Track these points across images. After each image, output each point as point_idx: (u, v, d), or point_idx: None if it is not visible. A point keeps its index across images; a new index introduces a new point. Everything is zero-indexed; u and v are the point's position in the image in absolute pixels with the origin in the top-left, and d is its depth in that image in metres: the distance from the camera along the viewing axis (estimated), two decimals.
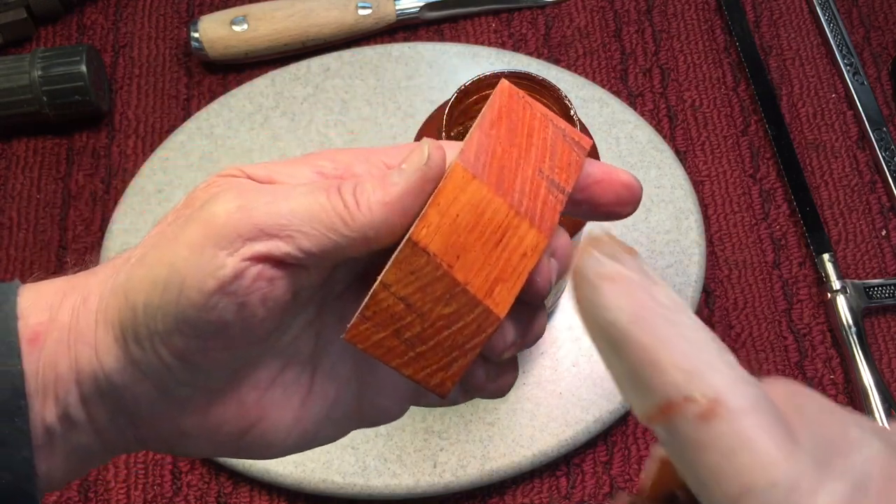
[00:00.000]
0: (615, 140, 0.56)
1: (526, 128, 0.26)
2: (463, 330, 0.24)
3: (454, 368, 0.25)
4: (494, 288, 0.24)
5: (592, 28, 0.62)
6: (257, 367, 0.27)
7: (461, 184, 0.23)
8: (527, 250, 0.24)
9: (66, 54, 0.55)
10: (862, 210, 0.57)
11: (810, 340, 0.53)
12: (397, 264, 0.23)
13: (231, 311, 0.24)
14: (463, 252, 0.23)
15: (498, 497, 0.50)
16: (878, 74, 0.61)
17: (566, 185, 0.25)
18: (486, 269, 0.24)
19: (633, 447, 0.51)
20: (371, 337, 0.24)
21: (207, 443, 0.27)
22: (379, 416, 0.29)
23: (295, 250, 0.24)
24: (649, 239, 0.54)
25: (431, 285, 0.24)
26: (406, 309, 0.24)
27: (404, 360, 0.25)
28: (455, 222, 0.23)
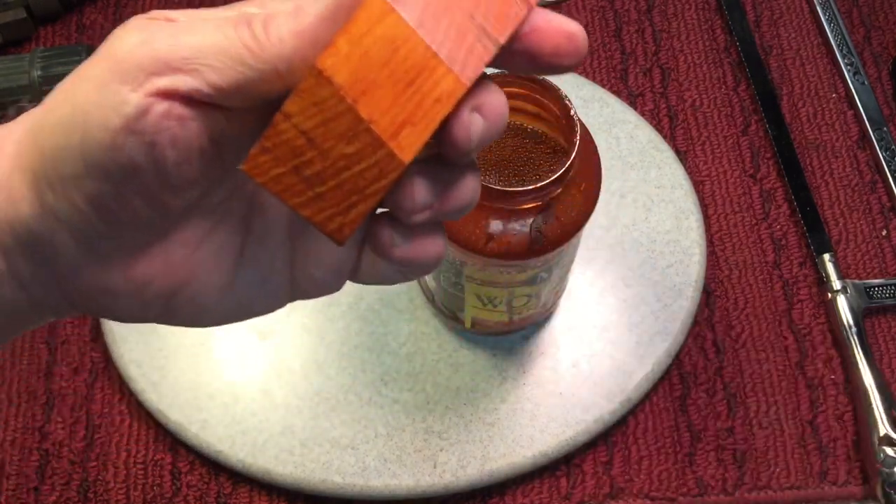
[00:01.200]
0: (615, 140, 0.56)
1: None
2: (364, 173, 0.23)
3: (353, 214, 0.23)
4: (401, 130, 0.22)
5: (592, 28, 0.62)
6: (185, 225, 0.26)
7: (378, 14, 0.22)
8: (441, 95, 0.22)
9: (65, 54, 0.55)
10: (862, 210, 0.57)
11: (811, 340, 0.53)
12: (300, 93, 0.22)
13: (140, 151, 0.22)
14: (371, 88, 0.22)
15: (498, 497, 0.50)
16: (879, 74, 0.61)
17: (499, 36, 0.23)
18: (395, 109, 0.22)
19: (633, 447, 0.51)
20: (270, 170, 0.23)
21: (135, 302, 0.26)
22: (314, 287, 0.28)
23: (202, 85, 0.22)
24: (649, 239, 0.54)
25: (334, 120, 0.22)
26: (307, 144, 0.22)
27: (303, 200, 0.23)
28: (366, 55, 0.22)
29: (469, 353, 0.51)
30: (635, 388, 0.50)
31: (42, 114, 0.24)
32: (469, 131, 0.23)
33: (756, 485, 0.50)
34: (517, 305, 0.46)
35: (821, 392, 0.52)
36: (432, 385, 0.51)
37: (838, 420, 0.52)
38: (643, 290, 0.53)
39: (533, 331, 0.52)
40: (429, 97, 0.22)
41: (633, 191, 0.55)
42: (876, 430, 0.49)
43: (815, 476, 0.50)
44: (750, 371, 0.53)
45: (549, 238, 0.39)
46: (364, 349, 0.51)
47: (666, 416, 0.52)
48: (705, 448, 0.51)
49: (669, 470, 0.50)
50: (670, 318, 0.52)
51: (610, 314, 0.52)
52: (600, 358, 0.51)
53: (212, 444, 0.49)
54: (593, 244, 0.54)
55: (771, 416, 0.52)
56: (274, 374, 0.51)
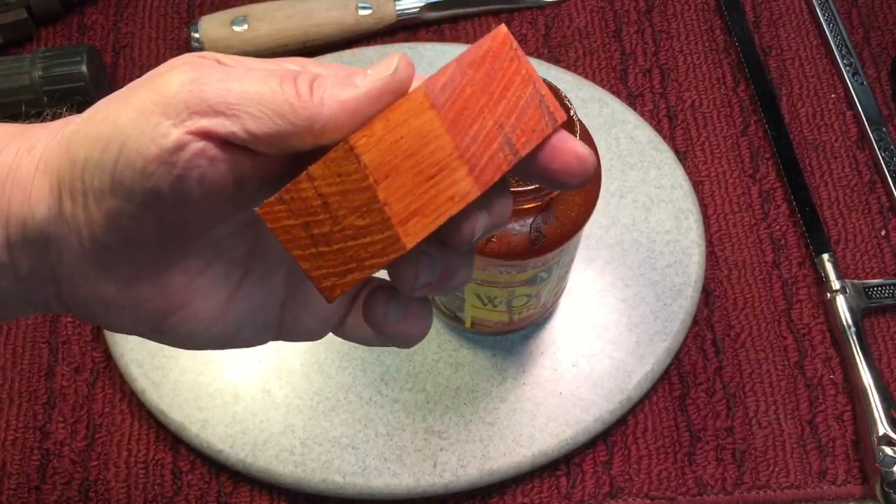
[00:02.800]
0: (615, 140, 0.57)
1: (505, 80, 0.25)
2: (368, 246, 0.24)
3: (347, 278, 0.25)
4: (411, 219, 0.24)
5: (592, 28, 0.62)
6: (189, 254, 0.27)
7: (417, 108, 0.23)
8: (455, 195, 0.24)
9: (66, 54, 0.55)
10: (861, 210, 0.57)
11: (810, 340, 0.54)
12: (327, 161, 0.23)
13: (167, 181, 0.23)
14: (394, 174, 0.23)
15: (498, 497, 0.50)
16: (878, 75, 0.61)
17: (521, 149, 0.25)
18: (410, 198, 0.23)
19: (633, 447, 0.51)
20: (282, 220, 0.24)
21: (128, 317, 0.27)
22: (300, 332, 0.30)
23: (240, 130, 0.24)
24: (649, 239, 0.54)
25: (353, 193, 0.23)
26: (322, 206, 0.24)
27: (305, 254, 0.25)
28: (397, 142, 0.23)
29: (469, 353, 0.51)
30: (635, 388, 0.50)
31: (81, 125, 0.25)
32: (474, 229, 0.25)
33: (755, 484, 0.50)
34: (517, 305, 0.46)
35: (820, 392, 0.52)
36: (432, 385, 0.51)
37: (837, 420, 0.52)
38: (643, 289, 0.53)
39: (533, 331, 0.52)
40: (444, 194, 0.24)
41: (632, 191, 0.55)
42: (875, 430, 0.49)
43: (814, 475, 0.50)
44: (749, 371, 0.53)
45: (549, 238, 0.39)
46: (364, 349, 0.51)
47: (665, 415, 0.52)
48: (705, 447, 0.51)
49: (669, 469, 0.50)
50: (670, 317, 0.52)
51: (610, 314, 0.52)
52: (600, 357, 0.51)
53: (212, 443, 0.49)
54: (593, 244, 0.54)
55: (770, 416, 0.52)
56: (274, 373, 0.51)
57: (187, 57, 0.25)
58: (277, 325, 0.30)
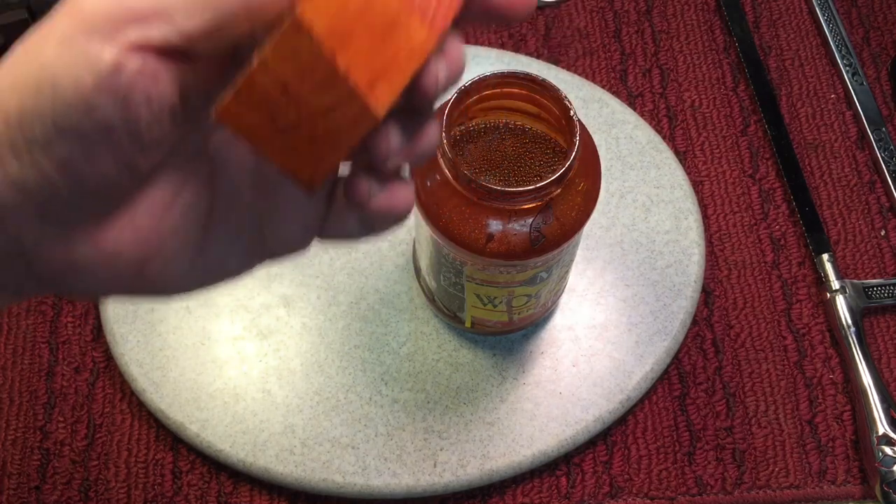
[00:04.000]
0: (615, 140, 0.57)
1: None
2: (339, 124, 0.23)
3: (325, 164, 0.23)
4: (376, 83, 0.22)
5: (592, 28, 0.62)
6: (151, 188, 0.24)
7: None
8: (414, 49, 0.22)
9: None
10: (861, 210, 0.57)
11: (809, 340, 0.54)
12: (278, 44, 0.21)
13: (115, 110, 0.21)
14: (348, 40, 0.21)
15: (498, 497, 0.50)
16: (878, 75, 0.61)
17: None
18: (370, 62, 0.22)
19: (632, 447, 0.51)
20: (243, 118, 0.22)
21: (105, 274, 0.25)
22: (284, 245, 0.28)
23: (173, 33, 0.21)
24: (649, 239, 0.54)
25: (311, 70, 0.21)
26: (283, 93, 0.22)
27: (275, 149, 0.23)
28: (343, 6, 0.21)
29: (469, 353, 0.51)
30: (635, 388, 0.51)
31: (1, 74, 0.22)
32: (437, 81, 0.24)
33: (755, 484, 0.50)
34: (517, 305, 0.46)
35: (819, 392, 0.52)
36: (432, 385, 0.51)
37: (837, 419, 0.52)
38: (643, 289, 0.53)
39: (533, 331, 0.52)
40: (402, 50, 0.22)
41: (632, 191, 0.55)
42: (874, 430, 0.50)
43: (814, 475, 0.50)
44: (749, 370, 0.53)
45: (549, 238, 0.39)
46: (364, 349, 0.51)
47: (665, 415, 0.52)
48: (704, 447, 0.51)
49: (669, 469, 0.50)
50: (669, 317, 0.52)
51: (609, 314, 0.52)
52: (600, 357, 0.51)
53: (212, 443, 0.49)
54: (593, 244, 0.54)
55: (770, 416, 0.52)
56: (274, 373, 0.51)
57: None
58: (260, 245, 0.28)
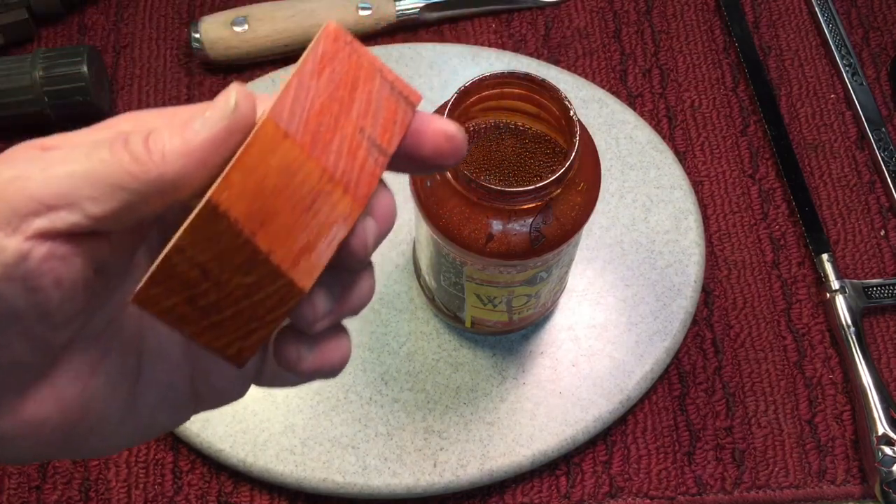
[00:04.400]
0: (615, 140, 0.57)
1: (350, 79, 0.23)
2: (264, 301, 0.22)
3: (252, 339, 0.23)
4: (301, 258, 0.22)
5: (592, 29, 0.62)
6: (71, 357, 0.24)
7: (271, 143, 0.21)
8: (338, 219, 0.22)
9: (67, 55, 0.55)
10: (861, 210, 0.57)
11: (809, 340, 0.54)
12: (193, 228, 0.21)
13: (21, 297, 0.21)
14: (269, 218, 0.21)
15: (498, 496, 0.50)
16: (878, 75, 0.61)
17: (388, 147, 0.23)
18: (293, 237, 0.21)
19: (632, 447, 0.51)
20: (161, 302, 0.22)
21: (31, 444, 0.24)
22: (218, 398, 0.28)
23: (81, 218, 0.21)
24: (649, 239, 0.54)
25: (231, 253, 0.21)
26: (201, 276, 0.21)
27: (198, 329, 0.22)
28: (261, 185, 0.21)
29: (469, 352, 0.51)
30: (634, 388, 0.51)
31: None
32: (367, 242, 0.23)
33: (755, 484, 0.50)
34: (517, 305, 0.46)
35: (819, 391, 0.52)
36: (432, 384, 0.51)
37: (837, 419, 0.52)
38: (642, 289, 0.53)
39: (533, 330, 0.52)
40: (327, 221, 0.22)
41: (632, 191, 0.55)
42: (874, 430, 0.50)
43: (814, 475, 0.50)
44: (749, 370, 0.53)
45: (549, 238, 0.39)
46: (364, 349, 0.51)
47: (665, 415, 0.52)
48: (704, 447, 0.51)
49: (668, 469, 0.51)
50: (669, 317, 0.52)
51: (609, 314, 0.52)
52: (600, 357, 0.51)
53: (213, 443, 0.49)
54: (593, 244, 0.54)
55: (770, 416, 0.52)
56: None
57: (7, 152, 0.22)
58: (193, 399, 0.27)
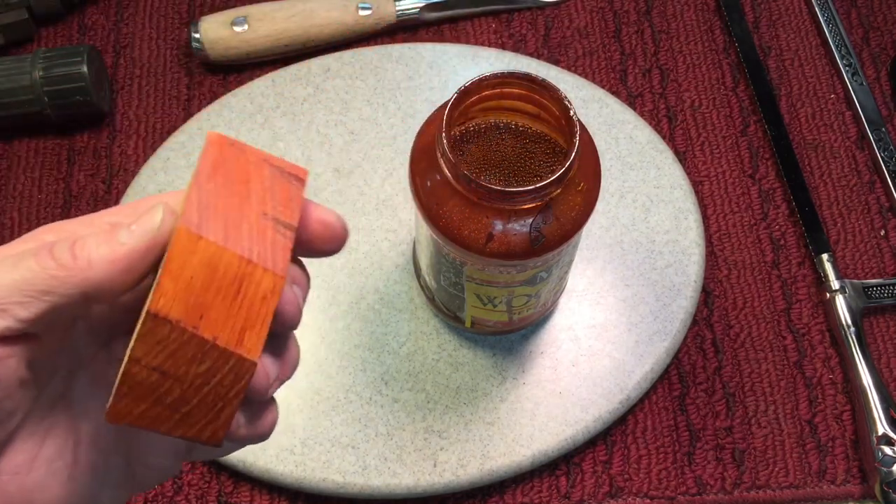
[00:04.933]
0: (615, 140, 0.57)
1: (242, 174, 0.26)
2: (223, 382, 0.25)
3: (223, 418, 0.26)
4: (243, 336, 0.25)
5: (592, 28, 0.62)
6: (11, 451, 0.25)
7: (189, 245, 0.24)
8: (266, 293, 0.25)
9: (67, 55, 0.55)
10: (861, 210, 0.57)
11: (809, 340, 0.54)
12: (142, 338, 0.24)
13: None
14: (205, 311, 0.24)
15: (498, 496, 0.50)
16: (878, 75, 0.61)
17: (292, 221, 0.26)
18: (231, 320, 0.25)
19: (632, 447, 0.51)
20: (133, 411, 0.25)
21: None
22: (154, 475, 0.29)
23: (13, 322, 0.23)
24: (649, 239, 0.54)
25: (181, 349, 0.24)
26: (161, 377, 0.24)
27: (172, 424, 0.25)
28: (190, 284, 0.24)
29: (469, 352, 0.51)
30: (634, 388, 0.51)
31: None
32: (297, 305, 0.26)
33: (755, 484, 0.50)
34: (517, 305, 0.46)
35: (819, 391, 0.52)
36: (432, 384, 0.51)
37: (837, 419, 0.52)
38: (642, 289, 0.53)
39: (533, 330, 0.52)
40: (256, 298, 0.25)
41: (632, 191, 0.55)
42: (874, 430, 0.50)
43: (814, 475, 0.50)
44: (749, 370, 0.53)
45: (549, 238, 0.39)
46: (364, 349, 0.51)
47: (665, 415, 0.52)
48: (704, 447, 0.51)
49: (668, 469, 0.51)
50: (669, 317, 0.52)
51: (609, 314, 0.52)
52: (600, 357, 0.51)
53: None
54: (593, 244, 0.54)
55: (770, 416, 0.52)
56: None
57: None
58: (131, 479, 0.29)
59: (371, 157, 0.56)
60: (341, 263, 0.53)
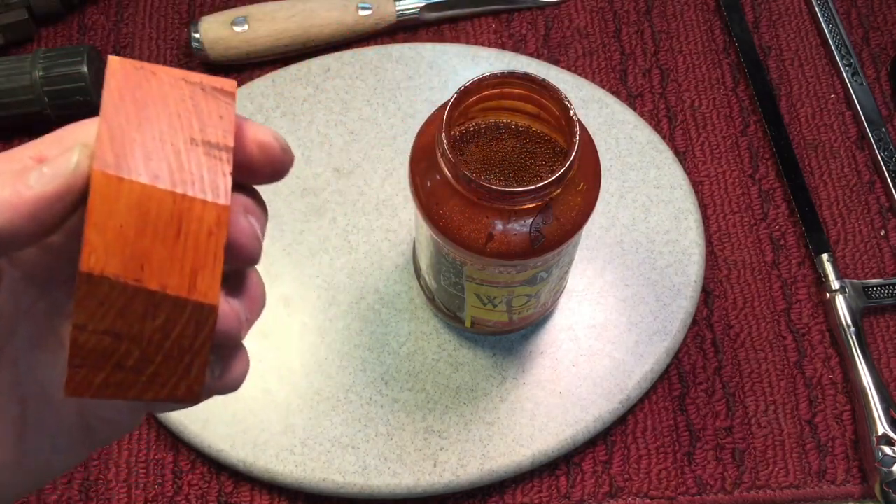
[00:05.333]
0: (615, 140, 0.57)
1: (157, 97, 0.23)
2: (185, 332, 0.22)
3: (194, 371, 0.23)
4: (195, 280, 0.22)
5: (592, 29, 0.62)
6: None
7: (110, 191, 0.21)
8: (210, 228, 0.22)
9: (67, 55, 0.55)
10: (861, 210, 0.57)
11: (809, 340, 0.54)
12: (81, 302, 0.21)
13: None
14: (145, 260, 0.21)
15: (498, 496, 0.50)
16: (877, 75, 0.61)
17: (225, 141, 0.23)
18: (178, 264, 0.22)
19: (632, 447, 0.51)
20: (93, 381, 0.22)
21: None
22: (111, 431, 0.27)
23: None
24: (648, 239, 0.54)
25: (129, 306, 0.21)
26: (115, 340, 0.22)
27: (140, 388, 0.23)
28: (121, 233, 0.21)
29: (469, 352, 0.51)
30: (634, 388, 0.51)
31: None
32: (253, 235, 0.23)
33: (755, 484, 0.50)
34: (517, 305, 0.46)
35: (819, 391, 0.52)
36: (432, 384, 0.51)
37: (837, 419, 0.52)
38: (642, 289, 0.53)
39: (533, 330, 0.52)
40: (201, 235, 0.22)
41: (632, 191, 0.55)
42: (874, 430, 0.50)
43: (814, 475, 0.50)
44: (749, 370, 0.53)
45: (549, 238, 0.39)
46: (364, 349, 0.51)
47: (665, 415, 0.52)
48: (704, 447, 0.51)
49: (668, 469, 0.51)
50: (669, 317, 0.52)
51: (609, 314, 0.52)
52: (599, 357, 0.51)
53: (213, 443, 0.49)
54: (593, 244, 0.54)
55: (770, 416, 0.52)
56: (274, 373, 0.51)
57: None
58: (87, 436, 0.27)
59: (371, 157, 0.56)
60: (341, 263, 0.53)
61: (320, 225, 0.54)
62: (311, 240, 0.54)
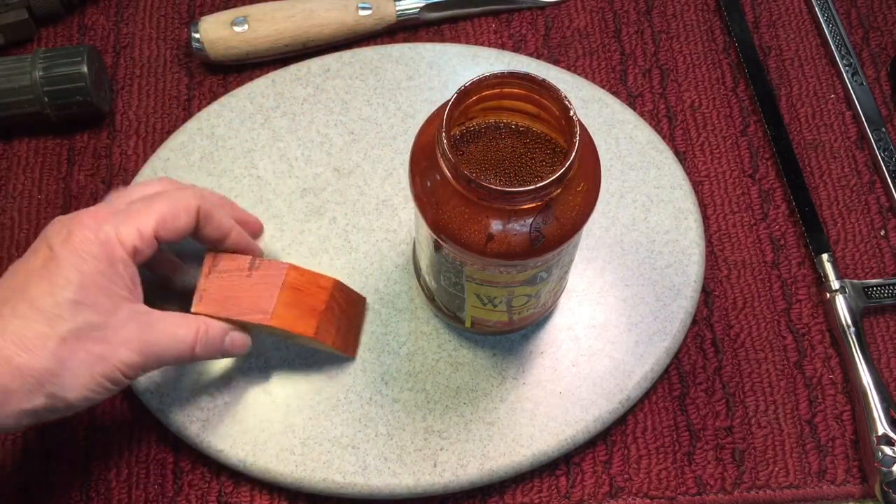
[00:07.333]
0: (615, 140, 0.57)
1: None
2: (354, 312, 0.50)
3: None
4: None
5: (592, 29, 0.62)
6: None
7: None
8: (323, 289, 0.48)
9: (67, 55, 0.55)
10: (861, 210, 0.57)
11: (809, 340, 0.54)
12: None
13: None
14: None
15: (498, 496, 0.50)
16: (877, 75, 0.61)
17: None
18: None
19: (632, 447, 0.51)
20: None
21: None
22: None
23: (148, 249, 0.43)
24: (648, 239, 0.54)
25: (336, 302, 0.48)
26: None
27: (341, 343, 0.48)
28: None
29: (469, 352, 0.51)
30: (634, 388, 0.51)
31: None
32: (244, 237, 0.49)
33: (755, 484, 0.50)
34: (517, 305, 0.46)
35: (819, 391, 0.52)
36: (432, 384, 0.51)
37: (837, 419, 0.52)
38: (642, 289, 0.53)
39: (533, 330, 0.52)
40: (318, 298, 0.48)
41: (632, 191, 0.55)
42: (874, 430, 0.50)
43: (814, 475, 0.50)
44: (749, 370, 0.53)
45: (549, 238, 0.39)
46: (364, 349, 0.51)
47: (665, 415, 0.52)
48: (704, 447, 0.51)
49: (668, 469, 0.51)
50: (669, 317, 0.52)
51: (609, 314, 0.52)
52: (599, 357, 0.51)
53: (213, 443, 0.49)
54: (593, 244, 0.54)
55: (770, 416, 0.52)
56: (274, 374, 0.51)
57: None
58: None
59: (371, 157, 0.56)
60: (341, 263, 0.53)
61: (320, 225, 0.54)
62: (311, 240, 0.54)
